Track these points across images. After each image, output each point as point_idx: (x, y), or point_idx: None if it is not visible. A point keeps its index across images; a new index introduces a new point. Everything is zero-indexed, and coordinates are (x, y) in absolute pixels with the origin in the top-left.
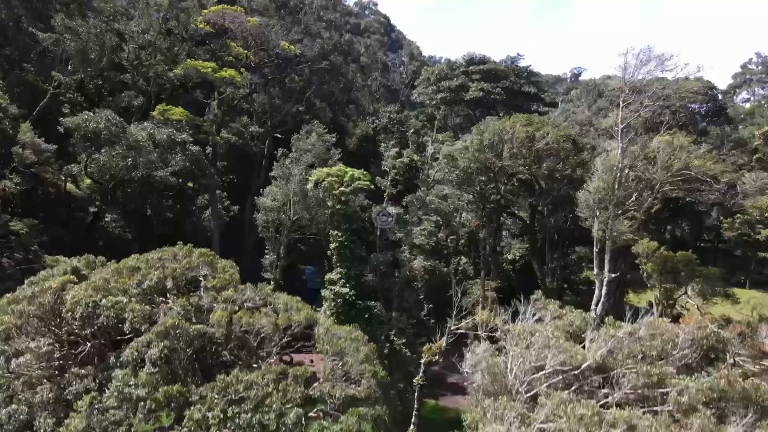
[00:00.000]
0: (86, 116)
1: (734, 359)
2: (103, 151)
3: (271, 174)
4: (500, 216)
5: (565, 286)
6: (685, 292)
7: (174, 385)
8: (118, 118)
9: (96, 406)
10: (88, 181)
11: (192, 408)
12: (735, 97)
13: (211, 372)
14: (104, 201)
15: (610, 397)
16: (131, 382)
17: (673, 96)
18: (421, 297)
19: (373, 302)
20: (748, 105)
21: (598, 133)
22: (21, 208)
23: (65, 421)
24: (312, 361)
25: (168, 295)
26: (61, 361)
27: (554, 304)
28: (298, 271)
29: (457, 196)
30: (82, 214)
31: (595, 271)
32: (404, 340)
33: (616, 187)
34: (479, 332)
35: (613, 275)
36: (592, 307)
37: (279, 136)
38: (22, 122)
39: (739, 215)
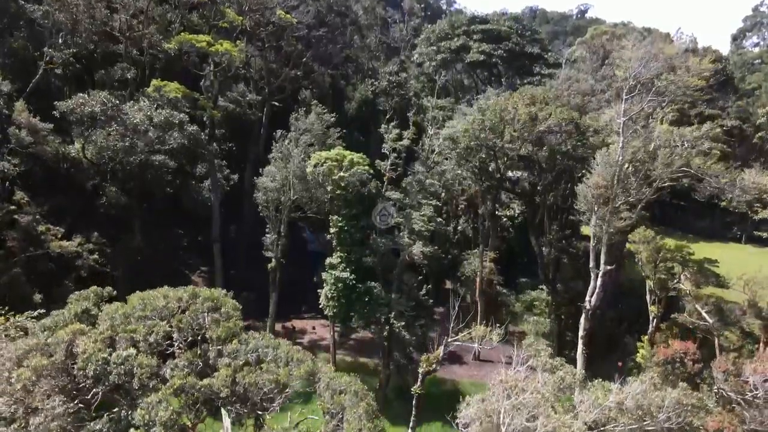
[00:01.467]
0: (81, 99)
1: (719, 390)
2: (99, 132)
3: (270, 156)
4: (499, 190)
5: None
6: (679, 281)
7: None
8: (113, 100)
9: None
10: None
11: None
12: (744, 41)
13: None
14: (103, 178)
15: None
16: None
17: (678, 89)
18: (421, 277)
19: (373, 283)
20: (756, 49)
21: (601, 106)
22: (22, 188)
23: None
24: (314, 328)
25: (175, 345)
26: (76, 420)
27: (545, 353)
28: (298, 227)
29: (457, 167)
30: (83, 181)
31: (591, 264)
32: (403, 323)
33: (616, 183)
34: (475, 345)
35: (609, 267)
36: (587, 298)
37: (277, 104)
38: (15, 100)
39: None
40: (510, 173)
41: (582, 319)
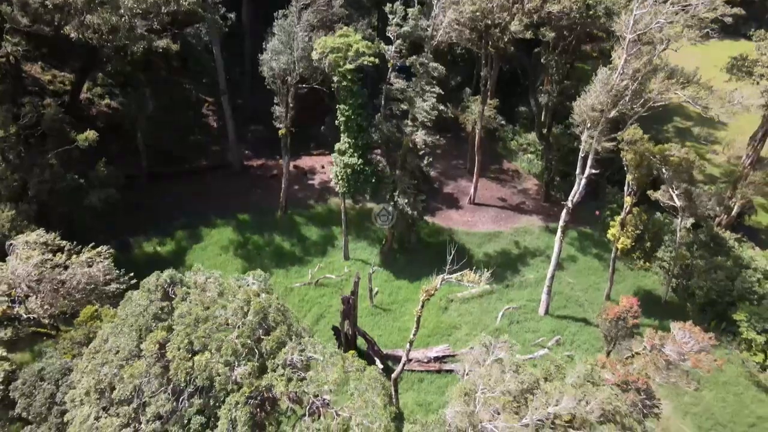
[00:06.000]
0: None
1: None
2: (95, 14)
3: (271, 33)
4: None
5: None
6: (657, 177)
7: None
8: None
9: None
10: None
11: None
12: None
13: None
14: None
15: None
16: None
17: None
18: (422, 153)
19: (379, 157)
20: None
21: None
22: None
23: None
24: (323, 167)
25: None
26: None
27: (516, 349)
28: None
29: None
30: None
31: (578, 171)
32: (407, 201)
33: (610, 104)
34: (471, 290)
35: (595, 171)
36: (570, 197)
37: None
38: None
39: None
40: None
41: (563, 213)
